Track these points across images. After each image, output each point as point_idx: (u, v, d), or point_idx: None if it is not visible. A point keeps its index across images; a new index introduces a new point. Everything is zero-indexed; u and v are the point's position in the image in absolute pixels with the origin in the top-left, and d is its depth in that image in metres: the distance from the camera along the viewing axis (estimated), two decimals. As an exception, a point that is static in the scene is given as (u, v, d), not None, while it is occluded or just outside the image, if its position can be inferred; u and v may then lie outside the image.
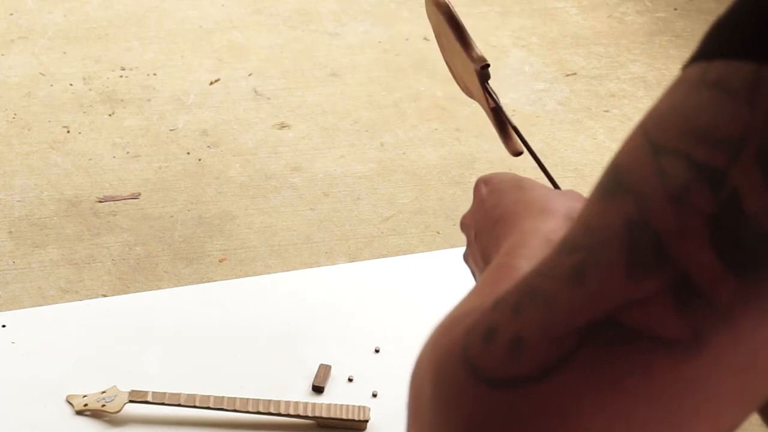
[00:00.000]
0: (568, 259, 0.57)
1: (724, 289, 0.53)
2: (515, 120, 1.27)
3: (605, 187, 0.58)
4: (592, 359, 0.54)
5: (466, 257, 1.02)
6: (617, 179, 0.58)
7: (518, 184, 0.97)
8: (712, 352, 0.54)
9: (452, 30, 1.29)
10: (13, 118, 2.63)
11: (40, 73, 2.80)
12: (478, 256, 0.96)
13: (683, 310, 0.54)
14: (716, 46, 0.58)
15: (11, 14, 3.05)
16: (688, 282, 0.54)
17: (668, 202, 0.55)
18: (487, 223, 0.95)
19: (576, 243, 0.58)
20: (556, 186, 1.14)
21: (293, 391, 1.65)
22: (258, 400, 1.60)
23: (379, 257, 2.16)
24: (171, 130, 2.61)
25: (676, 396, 0.54)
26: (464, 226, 1.03)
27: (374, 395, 1.60)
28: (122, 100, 2.71)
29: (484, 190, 1.01)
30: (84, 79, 2.79)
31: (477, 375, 0.56)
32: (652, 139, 0.57)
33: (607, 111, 2.74)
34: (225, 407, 1.59)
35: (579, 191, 0.99)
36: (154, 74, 2.82)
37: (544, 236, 0.86)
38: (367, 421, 1.57)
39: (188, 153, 2.52)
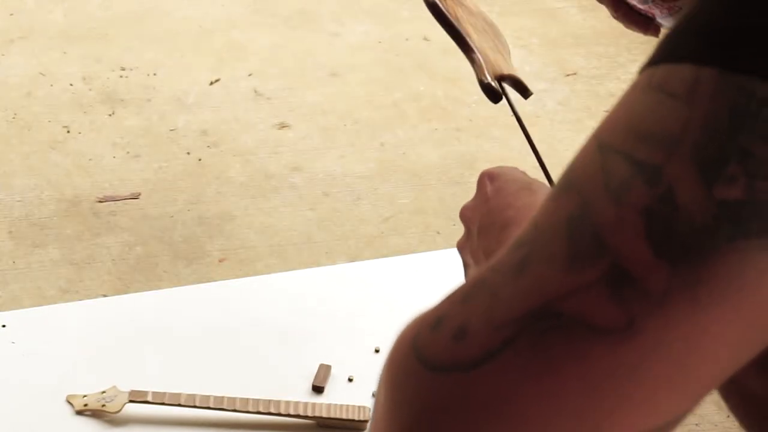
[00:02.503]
0: (515, 254, 0.60)
1: (657, 277, 0.56)
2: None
3: (556, 188, 0.61)
4: (530, 346, 0.56)
5: (461, 247, 1.02)
6: (566, 179, 0.61)
7: (528, 186, 0.98)
8: (647, 339, 0.56)
9: (446, 31, 1.28)
10: (13, 118, 2.63)
11: (40, 73, 2.80)
12: (480, 253, 0.97)
13: (618, 299, 0.56)
14: (662, 52, 0.60)
15: (11, 14, 3.05)
16: (623, 272, 0.56)
17: (608, 197, 0.58)
18: (494, 224, 0.96)
19: (523, 239, 0.60)
20: (550, 179, 1.14)
21: (293, 391, 1.65)
22: (258, 400, 1.60)
23: (379, 257, 2.16)
24: (171, 130, 2.61)
25: (611, 382, 0.56)
26: (465, 217, 1.04)
27: (374, 395, 1.60)
28: (122, 100, 2.71)
29: (489, 186, 1.02)
30: (84, 79, 2.79)
31: (422, 361, 0.59)
32: (601, 140, 0.60)
33: (607, 111, 2.74)
34: (225, 407, 1.59)
35: None
36: (154, 74, 2.82)
37: None
38: (367, 421, 1.57)
39: (188, 153, 2.52)
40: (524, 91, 1.29)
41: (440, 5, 1.30)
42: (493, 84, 1.26)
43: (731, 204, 0.56)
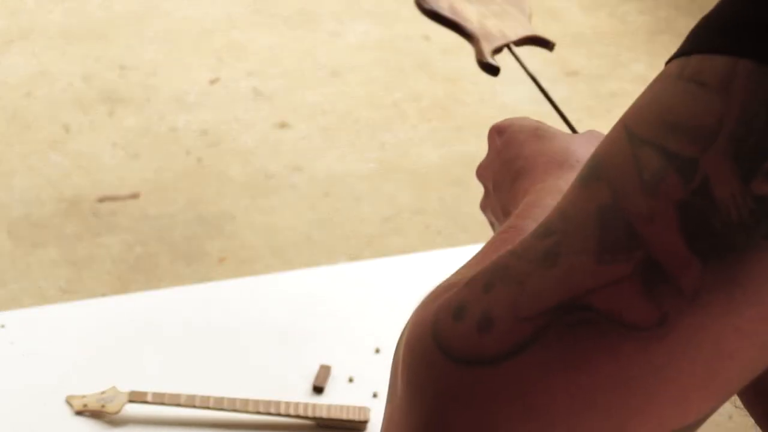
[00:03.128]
0: (543, 242, 0.58)
1: (691, 274, 0.55)
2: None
3: (583, 176, 0.60)
4: (558, 340, 0.55)
5: (483, 208, 1.01)
6: (595, 169, 0.59)
7: (535, 132, 0.96)
8: (678, 337, 0.55)
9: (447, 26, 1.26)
10: (13, 117, 2.63)
11: (40, 73, 2.80)
12: (498, 209, 0.96)
13: (650, 295, 0.55)
14: (695, 42, 0.59)
15: (11, 14, 3.04)
16: (656, 267, 0.55)
17: (641, 189, 0.56)
18: (506, 177, 0.95)
19: (551, 227, 0.59)
20: (573, 130, 1.12)
21: (293, 392, 1.65)
22: (258, 400, 1.60)
23: (379, 257, 2.15)
24: (171, 129, 2.60)
25: (640, 379, 0.55)
26: (480, 176, 1.02)
27: (374, 396, 1.60)
28: (122, 100, 2.71)
29: (498, 140, 1.00)
30: (84, 78, 2.79)
31: (445, 351, 0.57)
32: (630, 130, 0.59)
33: (608, 110, 2.74)
34: (225, 408, 1.59)
35: (598, 131, 0.99)
36: (154, 74, 2.82)
37: (561, 192, 0.86)
38: (367, 421, 1.57)
39: (188, 153, 2.52)
40: (546, 45, 1.27)
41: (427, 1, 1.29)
42: (487, 61, 1.24)
43: None
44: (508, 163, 0.96)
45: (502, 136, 1.00)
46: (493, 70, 1.24)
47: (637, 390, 0.55)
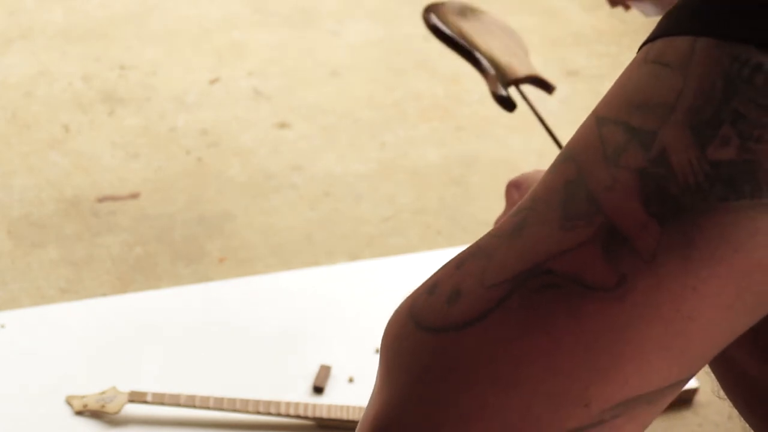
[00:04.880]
0: (513, 219, 0.61)
1: (647, 236, 0.57)
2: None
3: (555, 161, 0.63)
4: (522, 304, 0.57)
5: None
6: (565, 151, 0.62)
7: None
8: (637, 297, 0.56)
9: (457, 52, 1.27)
10: (13, 117, 2.62)
11: (40, 73, 2.80)
12: None
13: (610, 257, 0.57)
14: (659, 28, 0.62)
15: (11, 13, 3.04)
16: (614, 230, 0.57)
17: (603, 161, 0.59)
18: None
19: (521, 206, 0.62)
20: None
21: (293, 392, 1.65)
22: (258, 400, 1.60)
23: (379, 257, 2.15)
24: (171, 129, 2.60)
25: (601, 340, 0.56)
26: None
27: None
28: (122, 100, 2.71)
29: (516, 194, 1.05)
30: (83, 78, 2.78)
31: (417, 324, 0.60)
32: (598, 114, 0.62)
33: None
34: (225, 408, 1.58)
35: None
36: (154, 73, 2.82)
37: None
38: (367, 421, 1.57)
39: (188, 153, 2.52)
40: (547, 88, 1.32)
41: (441, 26, 1.30)
42: (504, 94, 1.27)
43: (724, 164, 0.56)
44: None
45: (519, 190, 1.04)
46: (509, 105, 1.27)
47: (598, 351, 0.56)
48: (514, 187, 1.06)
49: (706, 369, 0.76)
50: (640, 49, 0.63)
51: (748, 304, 0.58)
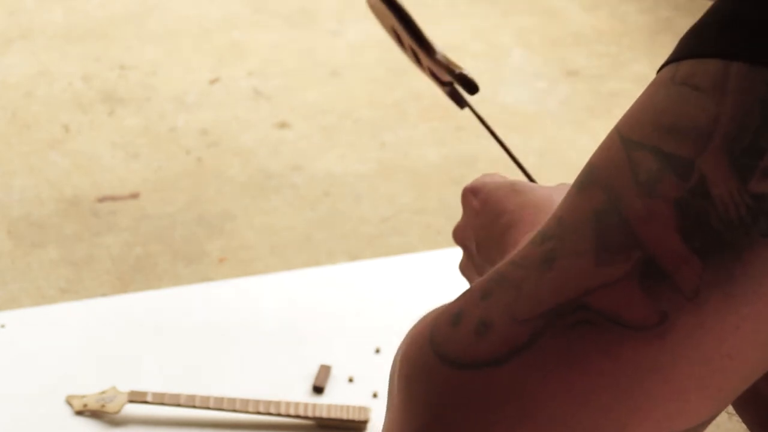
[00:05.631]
0: (540, 248, 0.58)
1: (689, 272, 0.54)
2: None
3: (578, 183, 0.60)
4: (557, 342, 0.55)
5: (464, 269, 1.01)
6: (589, 174, 0.60)
7: (513, 188, 0.97)
8: (678, 337, 0.54)
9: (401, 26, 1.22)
10: (13, 117, 2.62)
11: (40, 73, 2.80)
12: (486, 267, 0.95)
13: (649, 294, 0.55)
14: (685, 48, 0.60)
15: (11, 13, 3.04)
16: (654, 265, 0.55)
17: (637, 190, 0.56)
18: (492, 234, 0.95)
19: (547, 233, 0.59)
20: (531, 179, 1.13)
21: (293, 392, 1.65)
22: (258, 400, 1.60)
23: (379, 257, 2.15)
24: (171, 129, 2.60)
25: (639, 379, 0.55)
26: (459, 238, 1.03)
27: (375, 396, 1.60)
28: (122, 100, 2.71)
29: (474, 201, 1.01)
30: (83, 78, 2.78)
31: (441, 357, 0.57)
32: (624, 135, 0.59)
33: (608, 110, 2.73)
34: (225, 408, 1.58)
35: (568, 183, 0.99)
36: (154, 73, 2.82)
37: None
38: (367, 421, 1.57)
39: (188, 152, 2.52)
40: (471, 88, 1.22)
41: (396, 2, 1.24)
42: (471, 76, 1.21)
43: (766, 197, 0.55)
44: (493, 220, 0.96)
45: (477, 195, 1.00)
46: (474, 88, 1.21)
47: (636, 390, 0.55)
48: (471, 194, 1.01)
49: None
50: (661, 68, 0.61)
51: None
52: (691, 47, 0.60)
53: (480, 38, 3.00)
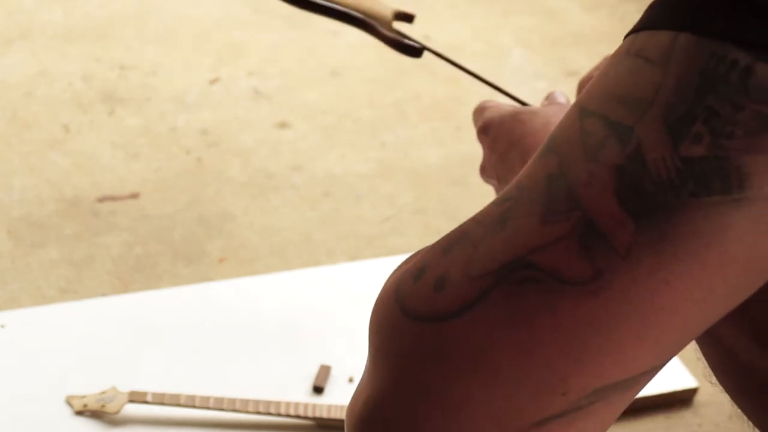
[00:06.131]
0: (498, 209, 0.63)
1: (623, 231, 0.58)
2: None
3: (539, 150, 0.64)
4: (503, 297, 0.59)
5: None
6: (549, 142, 0.63)
7: (515, 117, 1.02)
8: (613, 292, 0.58)
9: None
10: (13, 117, 2.62)
11: (40, 73, 2.80)
12: None
13: (586, 252, 0.58)
14: (643, 20, 0.64)
15: (11, 13, 3.04)
16: (592, 226, 0.59)
17: (583, 156, 0.60)
18: (507, 167, 1.00)
19: (507, 195, 0.63)
20: (522, 103, 1.20)
21: (293, 392, 1.65)
22: (258, 400, 1.60)
23: (379, 257, 2.15)
24: (171, 129, 2.60)
25: (579, 333, 0.58)
26: (484, 176, 1.08)
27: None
28: (122, 100, 2.71)
29: (486, 138, 1.07)
30: (83, 78, 2.78)
31: (404, 311, 0.61)
32: (582, 105, 0.63)
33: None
34: (225, 408, 1.58)
35: (563, 102, 1.05)
36: (154, 73, 2.82)
37: None
38: (367, 421, 1.57)
39: (188, 152, 2.52)
40: (410, 19, 1.30)
41: None
42: (410, 42, 1.25)
43: (696, 161, 0.58)
44: (504, 155, 1.01)
45: (488, 133, 1.06)
46: (415, 52, 1.24)
47: (575, 343, 0.58)
48: (482, 132, 1.07)
49: (702, 363, 0.77)
50: (625, 38, 0.64)
51: (720, 295, 0.59)
52: (649, 19, 0.63)
53: (480, 38, 3.00)
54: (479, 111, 1.11)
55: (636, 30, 0.64)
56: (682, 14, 0.60)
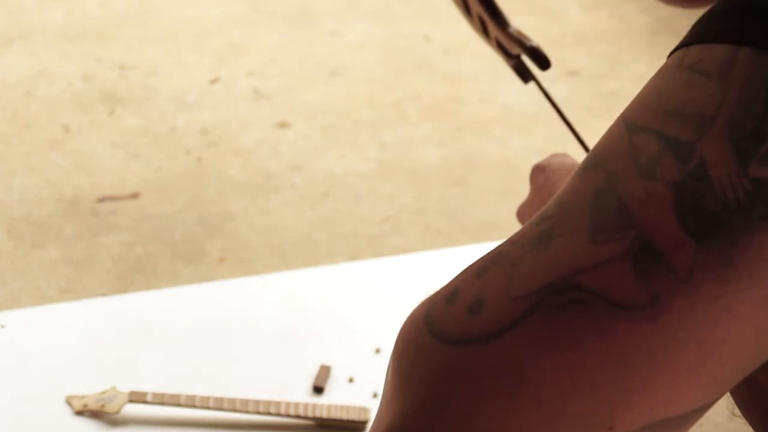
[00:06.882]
0: (537, 228, 0.58)
1: (683, 254, 0.54)
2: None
3: (582, 166, 0.60)
4: (547, 319, 0.54)
5: None
6: (592, 158, 0.59)
7: (571, 170, 0.97)
8: (670, 318, 0.53)
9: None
10: (13, 117, 2.62)
11: (40, 73, 2.80)
12: None
13: (642, 274, 0.54)
14: (694, 34, 0.60)
15: (10, 13, 3.04)
16: (648, 246, 0.54)
17: (636, 172, 0.56)
18: None
19: (546, 213, 0.59)
20: (578, 138, 1.14)
21: (293, 392, 1.65)
22: (258, 400, 1.59)
23: (379, 257, 2.15)
24: (171, 129, 2.60)
25: (629, 361, 0.54)
26: (521, 216, 1.04)
27: (375, 396, 1.60)
28: (122, 100, 2.71)
29: (540, 177, 1.02)
30: (83, 78, 2.78)
31: (436, 334, 0.57)
32: (628, 120, 0.59)
33: (608, 110, 2.73)
34: (225, 408, 1.58)
35: None
36: (154, 73, 2.82)
37: None
38: (367, 421, 1.57)
39: (188, 152, 2.52)
40: (544, 63, 1.19)
41: None
42: (542, 50, 1.18)
43: (766, 182, 0.54)
44: (547, 199, 0.96)
45: (544, 173, 1.01)
46: (545, 62, 1.17)
47: (627, 372, 0.54)
48: (538, 171, 1.02)
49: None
50: (671, 54, 0.60)
51: None
52: (700, 33, 0.59)
53: (480, 38, 3.00)
54: (551, 156, 1.06)
55: (686, 44, 0.60)
56: (740, 27, 0.57)
